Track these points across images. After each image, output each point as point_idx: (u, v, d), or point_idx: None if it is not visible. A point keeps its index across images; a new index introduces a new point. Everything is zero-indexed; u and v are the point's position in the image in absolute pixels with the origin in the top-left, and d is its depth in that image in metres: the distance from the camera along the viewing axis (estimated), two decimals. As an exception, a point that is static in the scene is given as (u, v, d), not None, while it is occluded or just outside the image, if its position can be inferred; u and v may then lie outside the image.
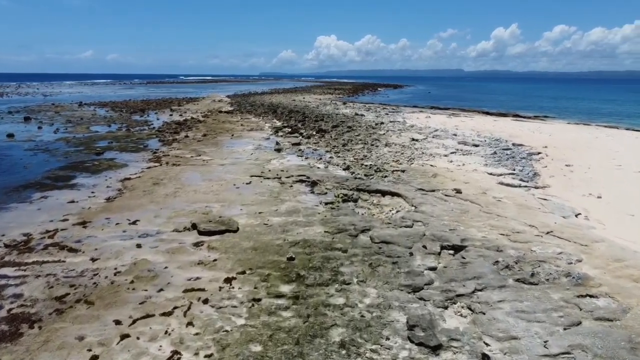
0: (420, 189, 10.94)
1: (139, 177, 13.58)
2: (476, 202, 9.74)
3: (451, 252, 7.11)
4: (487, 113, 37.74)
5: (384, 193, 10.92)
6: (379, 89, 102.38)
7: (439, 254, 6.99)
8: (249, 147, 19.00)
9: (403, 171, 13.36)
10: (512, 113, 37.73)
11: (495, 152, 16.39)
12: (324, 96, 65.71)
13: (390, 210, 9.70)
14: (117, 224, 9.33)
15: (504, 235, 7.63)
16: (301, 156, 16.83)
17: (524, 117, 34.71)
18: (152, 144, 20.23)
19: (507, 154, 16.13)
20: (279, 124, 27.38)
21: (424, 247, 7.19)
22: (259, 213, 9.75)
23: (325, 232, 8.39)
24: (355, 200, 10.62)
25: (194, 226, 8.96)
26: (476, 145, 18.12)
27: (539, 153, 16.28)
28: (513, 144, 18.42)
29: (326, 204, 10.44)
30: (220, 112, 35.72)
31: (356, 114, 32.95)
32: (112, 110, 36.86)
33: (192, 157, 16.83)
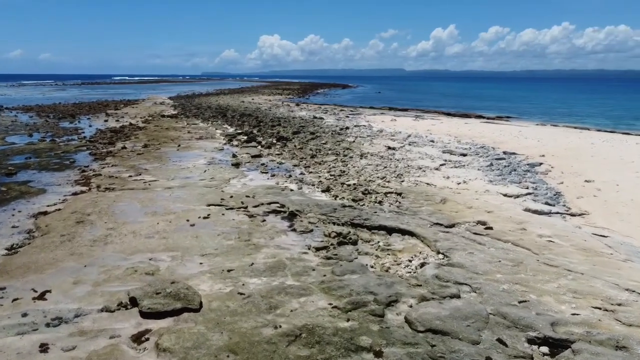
0: (437, 224, 8.45)
1: (59, 210, 10.33)
2: (521, 244, 7.37)
3: (545, 350, 4.59)
4: (449, 114, 36.20)
5: (390, 230, 8.34)
6: (328, 88, 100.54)
7: (532, 357, 4.45)
8: (200, 161, 15.96)
9: (399, 194, 10.85)
10: (475, 114, 36.40)
11: (491, 164, 14.24)
12: (274, 97, 62.91)
13: (410, 261, 7.14)
14: (15, 299, 6.21)
15: (602, 310, 5.23)
16: (266, 173, 14.02)
17: (488, 118, 33.38)
18: (80, 158, 16.76)
19: (505, 166, 14.03)
20: (231, 130, 24.37)
21: (501, 342, 4.64)
22: (228, 271, 6.91)
23: (333, 307, 5.70)
24: (354, 243, 7.99)
25: (134, 302, 6.01)
26: (464, 155, 15.96)
27: (541, 164, 14.29)
28: (504, 153, 16.42)
29: (317, 249, 7.75)
30: (163, 116, 32.13)
31: (315, 117, 30.35)
32: (37, 116, 32.37)
33: (130, 177, 13.63)
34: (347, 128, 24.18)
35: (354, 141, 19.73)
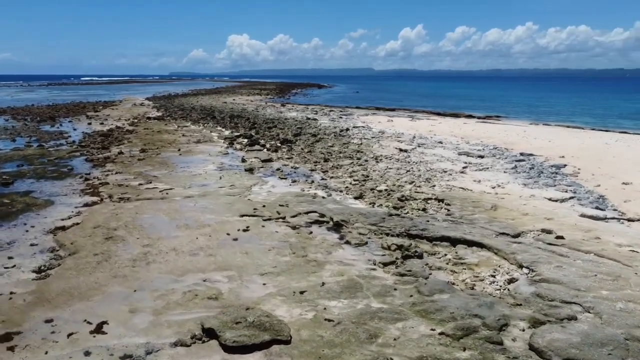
0: (503, 233, 8.01)
1: (78, 224, 9.47)
2: (606, 255, 6.99)
3: None
4: (439, 114, 36.15)
5: (454, 242, 7.85)
6: (304, 88, 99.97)
7: (702, 392, 4.03)
8: (209, 166, 15.18)
9: (441, 200, 10.39)
10: (464, 113, 36.45)
11: (515, 166, 13.95)
12: (253, 97, 62.06)
13: (493, 276, 6.66)
14: (70, 334, 5.44)
15: None
16: (285, 178, 13.38)
17: (479, 118, 33.44)
18: (78, 165, 15.75)
19: (529, 168, 13.77)
20: (227, 132, 23.54)
21: (658, 374, 4.19)
22: (301, 293, 6.28)
23: (440, 334, 5.16)
24: (421, 256, 7.47)
25: (211, 333, 5.34)
26: (482, 157, 15.66)
27: (565, 165, 14.08)
28: (521, 154, 16.20)
29: (384, 264, 7.19)
30: (149, 118, 30.97)
31: (308, 118, 29.75)
32: (12, 119, 30.72)
33: (140, 185, 12.79)
34: (347, 130, 23.67)
35: (361, 143, 19.23)
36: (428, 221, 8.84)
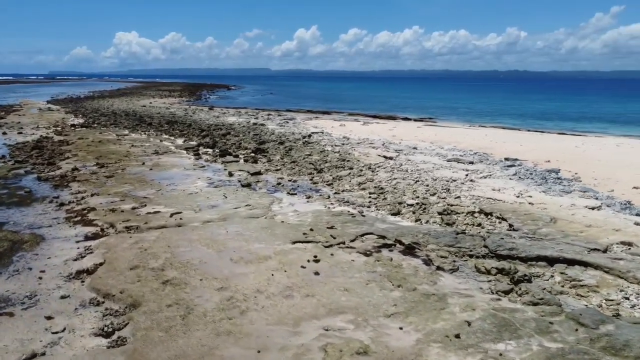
0: (594, 249, 7.90)
1: (102, 264, 7.90)
2: None
3: None
4: (376, 116, 36.60)
5: (551, 261, 7.59)
6: (211, 89, 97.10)
7: None
8: (198, 182, 13.74)
9: (489, 214, 10.15)
10: (400, 116, 37.27)
11: (515, 173, 14.20)
12: (167, 100, 59.04)
13: (626, 299, 6.47)
14: None
15: None
16: (294, 194, 12.45)
17: (415, 120, 34.35)
18: (32, 186, 13.48)
19: (530, 174, 14.06)
20: (180, 141, 21.75)
21: None
22: (456, 337, 5.60)
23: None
24: (529, 280, 7.13)
25: (409, 403, 4.51)
26: (472, 163, 15.81)
27: (559, 170, 14.59)
28: (506, 159, 16.58)
29: (505, 292, 6.74)
30: (74, 126, 27.81)
31: (255, 124, 28.51)
32: None
33: (135, 209, 11.17)
34: (310, 136, 22.88)
35: (338, 151, 18.61)
36: (502, 239, 8.53)
